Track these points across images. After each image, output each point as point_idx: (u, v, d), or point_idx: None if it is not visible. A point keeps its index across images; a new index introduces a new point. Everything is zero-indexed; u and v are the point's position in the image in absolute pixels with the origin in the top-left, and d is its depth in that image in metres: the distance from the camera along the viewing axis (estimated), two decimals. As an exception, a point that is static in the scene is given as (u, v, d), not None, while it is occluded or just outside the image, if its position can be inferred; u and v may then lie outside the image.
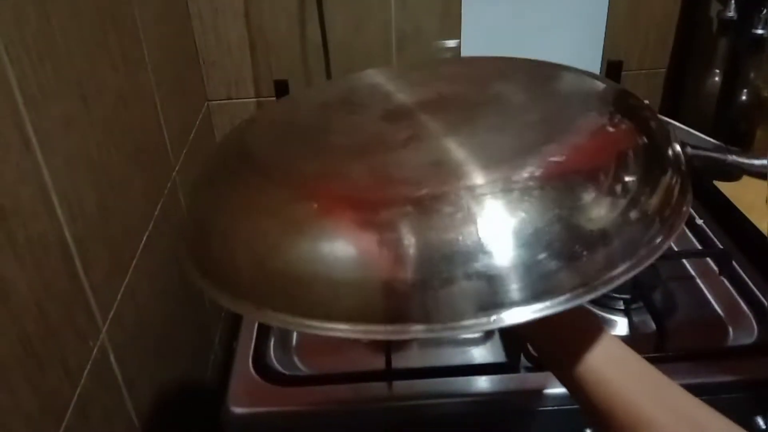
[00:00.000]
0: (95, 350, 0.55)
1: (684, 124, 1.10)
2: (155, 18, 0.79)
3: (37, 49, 0.48)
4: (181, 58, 0.93)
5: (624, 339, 0.63)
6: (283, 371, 0.59)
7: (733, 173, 0.41)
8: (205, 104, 1.03)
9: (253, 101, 1.05)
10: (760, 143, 0.99)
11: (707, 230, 0.76)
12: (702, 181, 0.94)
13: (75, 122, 0.55)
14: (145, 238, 0.69)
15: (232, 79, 1.03)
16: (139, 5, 0.71)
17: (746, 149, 1.01)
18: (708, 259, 0.72)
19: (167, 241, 0.78)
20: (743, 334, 0.64)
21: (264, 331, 0.63)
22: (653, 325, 0.63)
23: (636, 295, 0.67)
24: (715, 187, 0.91)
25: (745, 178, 1.00)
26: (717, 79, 0.98)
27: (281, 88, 0.98)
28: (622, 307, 0.67)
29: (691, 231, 0.78)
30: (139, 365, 0.65)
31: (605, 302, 0.68)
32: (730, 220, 0.81)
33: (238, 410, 0.59)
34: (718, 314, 0.66)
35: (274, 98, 0.99)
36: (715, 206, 0.84)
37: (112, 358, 0.59)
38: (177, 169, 0.83)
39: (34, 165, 0.47)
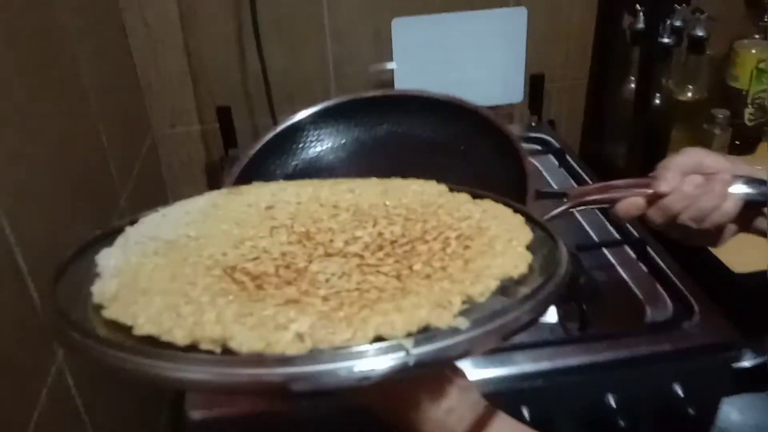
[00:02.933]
0: (53, 371, 0.57)
1: (606, 129, 1.17)
2: (95, 53, 0.81)
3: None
4: (125, 90, 0.96)
5: (552, 325, 0.68)
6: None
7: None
8: (150, 134, 1.05)
9: (197, 129, 1.08)
10: (675, 144, 1.07)
11: (622, 220, 0.82)
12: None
13: (19, 158, 0.57)
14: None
15: (175, 108, 1.05)
16: (78, 42, 0.74)
17: (663, 150, 1.08)
18: (626, 247, 0.79)
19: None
20: (659, 312, 0.69)
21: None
22: (579, 310, 0.68)
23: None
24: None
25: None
26: (633, 86, 1.05)
27: (224, 115, 1.01)
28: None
29: (609, 222, 0.84)
30: (100, 387, 0.66)
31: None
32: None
33: (196, 414, 0.58)
34: (637, 296, 0.73)
35: (217, 125, 1.02)
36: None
37: (70, 381, 0.60)
38: (124, 197, 0.86)
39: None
